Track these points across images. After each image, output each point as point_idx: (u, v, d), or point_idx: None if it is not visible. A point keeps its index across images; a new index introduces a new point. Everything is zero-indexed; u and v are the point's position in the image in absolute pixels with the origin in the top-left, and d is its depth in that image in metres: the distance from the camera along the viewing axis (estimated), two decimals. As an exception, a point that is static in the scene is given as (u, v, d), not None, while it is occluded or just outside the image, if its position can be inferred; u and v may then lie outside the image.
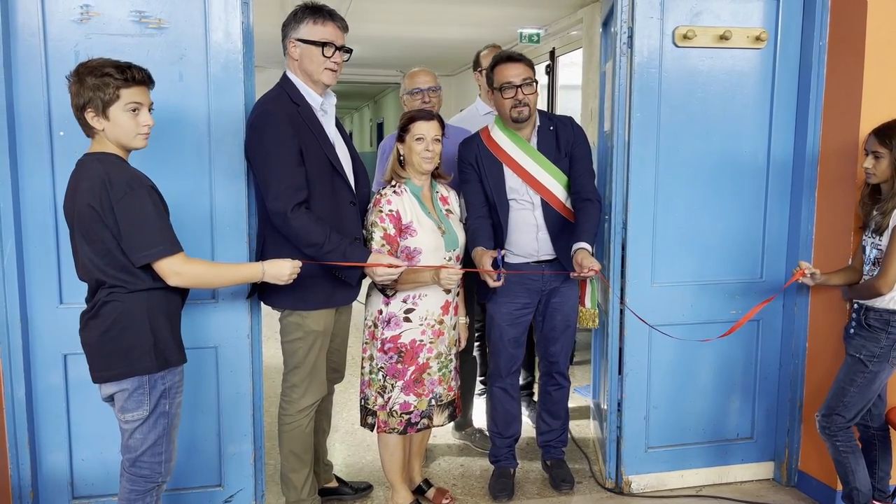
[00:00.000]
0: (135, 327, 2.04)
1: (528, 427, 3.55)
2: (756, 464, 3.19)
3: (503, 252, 2.69)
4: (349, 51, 2.55)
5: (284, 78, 2.56)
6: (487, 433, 3.44)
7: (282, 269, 2.27)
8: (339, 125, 2.70)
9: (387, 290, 2.59)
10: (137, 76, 2.02)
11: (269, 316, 2.76)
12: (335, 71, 2.52)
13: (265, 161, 2.43)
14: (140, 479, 2.11)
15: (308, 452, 2.70)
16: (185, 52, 2.53)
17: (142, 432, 2.09)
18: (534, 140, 2.88)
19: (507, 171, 2.85)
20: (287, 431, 2.66)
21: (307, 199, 2.45)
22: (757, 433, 3.17)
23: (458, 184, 2.91)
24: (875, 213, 2.58)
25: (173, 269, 2.03)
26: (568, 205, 2.88)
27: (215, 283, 2.28)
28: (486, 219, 2.82)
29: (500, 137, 2.87)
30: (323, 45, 2.47)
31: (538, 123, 2.89)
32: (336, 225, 2.49)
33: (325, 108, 2.57)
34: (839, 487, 2.86)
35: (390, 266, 2.44)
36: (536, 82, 2.83)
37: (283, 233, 2.45)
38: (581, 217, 2.80)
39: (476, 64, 3.58)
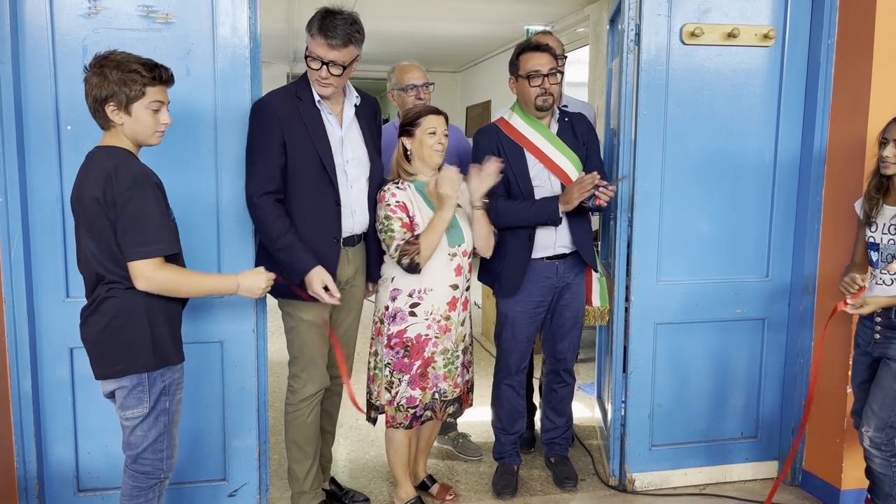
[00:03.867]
0: (133, 324, 2.03)
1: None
2: (760, 463, 3.19)
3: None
4: (342, 66, 2.44)
5: (305, 74, 2.57)
6: (472, 439, 3.45)
7: (256, 283, 2.21)
8: (368, 125, 2.68)
9: (414, 268, 2.54)
10: (164, 76, 2.03)
11: (275, 311, 2.76)
12: (323, 85, 2.48)
13: (248, 149, 2.52)
14: (142, 475, 2.12)
15: (311, 444, 2.71)
16: (192, 47, 2.54)
17: (143, 429, 2.09)
18: (554, 128, 2.89)
19: (530, 159, 2.85)
20: (289, 421, 2.69)
21: (279, 191, 2.48)
22: (761, 432, 3.17)
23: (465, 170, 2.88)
24: (888, 206, 2.49)
25: (143, 272, 1.98)
26: None
27: (185, 292, 2.12)
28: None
29: (520, 125, 2.88)
30: (309, 58, 2.47)
31: (557, 114, 2.91)
32: (314, 222, 2.51)
33: (320, 106, 2.54)
34: (843, 487, 2.86)
35: (325, 290, 2.47)
36: (562, 73, 2.84)
37: (252, 218, 2.53)
38: None
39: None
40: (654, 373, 3.03)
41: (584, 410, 3.97)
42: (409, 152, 2.65)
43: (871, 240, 2.54)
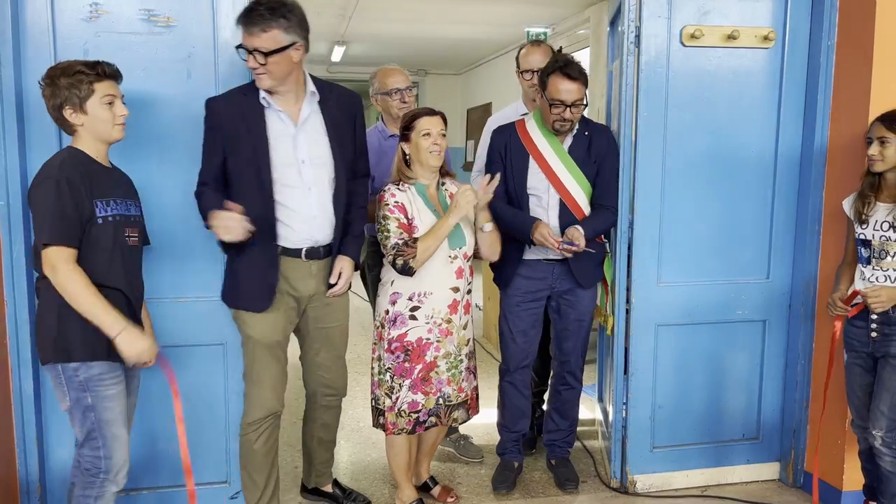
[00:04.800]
0: (47, 316, 2.10)
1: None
2: (762, 464, 3.18)
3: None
4: (264, 53, 2.29)
5: None
6: (473, 441, 3.45)
7: (134, 345, 2.07)
8: (336, 122, 2.52)
9: (408, 270, 2.54)
10: (108, 70, 2.13)
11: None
12: (257, 76, 2.35)
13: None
14: (84, 471, 2.14)
15: (259, 474, 2.59)
16: (193, 51, 2.54)
17: (76, 424, 2.13)
18: (567, 142, 2.89)
19: (532, 166, 2.86)
20: (240, 445, 2.61)
21: (220, 189, 2.43)
22: (763, 434, 3.17)
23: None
24: (882, 203, 2.50)
25: (51, 261, 2.01)
26: (586, 211, 2.88)
27: (75, 302, 2.03)
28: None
29: (535, 132, 2.89)
30: (240, 49, 2.36)
31: (575, 128, 2.90)
32: (260, 221, 2.36)
33: (267, 101, 2.41)
34: (844, 488, 2.86)
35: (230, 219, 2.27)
36: (586, 105, 2.81)
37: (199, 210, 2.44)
38: (590, 214, 2.84)
39: (518, 65, 3.24)
40: (655, 374, 3.03)
41: (585, 412, 3.97)
42: (408, 156, 2.66)
43: (862, 236, 2.55)
